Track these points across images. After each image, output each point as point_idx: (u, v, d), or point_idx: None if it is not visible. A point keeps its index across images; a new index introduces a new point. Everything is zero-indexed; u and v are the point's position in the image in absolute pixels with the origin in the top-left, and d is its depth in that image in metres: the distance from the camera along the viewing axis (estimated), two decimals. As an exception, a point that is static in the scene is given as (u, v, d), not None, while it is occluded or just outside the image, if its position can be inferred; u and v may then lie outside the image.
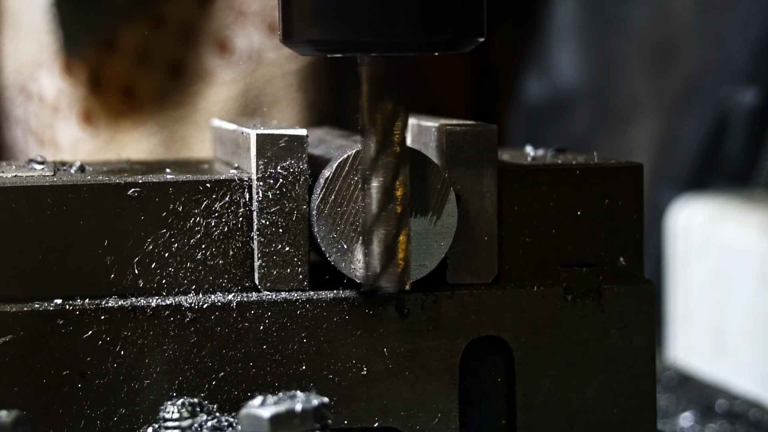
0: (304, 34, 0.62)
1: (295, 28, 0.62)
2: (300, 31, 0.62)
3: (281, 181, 0.65)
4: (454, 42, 0.62)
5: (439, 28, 0.61)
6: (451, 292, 0.67)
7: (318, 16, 0.61)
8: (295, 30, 0.62)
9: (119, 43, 1.36)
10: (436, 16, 0.61)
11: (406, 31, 0.60)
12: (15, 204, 0.64)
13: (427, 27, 0.61)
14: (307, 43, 0.62)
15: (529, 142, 0.80)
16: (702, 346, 1.18)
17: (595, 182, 0.69)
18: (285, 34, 0.63)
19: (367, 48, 0.61)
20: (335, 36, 0.61)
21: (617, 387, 0.68)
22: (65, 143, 1.39)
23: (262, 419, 0.58)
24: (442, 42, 0.62)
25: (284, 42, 0.63)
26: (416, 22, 0.60)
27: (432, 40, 0.61)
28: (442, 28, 0.61)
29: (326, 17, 0.61)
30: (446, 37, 0.62)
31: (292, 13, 0.62)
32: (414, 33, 0.61)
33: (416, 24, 0.60)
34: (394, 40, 0.61)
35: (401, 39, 0.61)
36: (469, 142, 0.67)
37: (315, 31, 0.61)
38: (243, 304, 0.65)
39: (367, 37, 0.60)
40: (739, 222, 1.15)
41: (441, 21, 0.61)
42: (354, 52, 0.62)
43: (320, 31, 0.61)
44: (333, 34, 0.61)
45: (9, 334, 0.63)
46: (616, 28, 1.43)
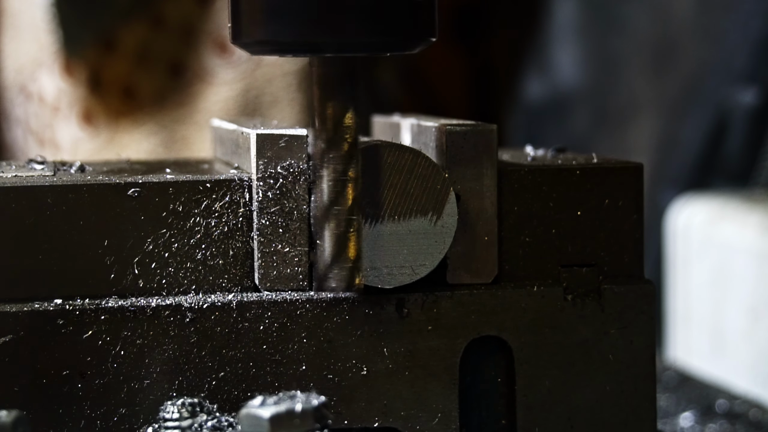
0: (254, 35, 0.61)
1: (244, 29, 0.61)
2: (249, 31, 0.61)
3: (281, 181, 0.65)
4: (404, 43, 0.62)
5: (389, 28, 0.61)
6: (451, 292, 0.67)
7: (268, 17, 0.60)
8: (245, 30, 0.61)
9: (119, 43, 1.36)
10: (386, 16, 0.60)
11: (357, 32, 0.60)
12: (15, 204, 0.64)
13: (377, 28, 0.60)
14: (258, 43, 0.62)
15: (529, 142, 0.80)
16: (702, 346, 1.18)
17: (595, 182, 0.69)
18: (234, 34, 0.62)
19: (317, 49, 0.61)
20: (285, 37, 0.60)
21: (617, 387, 0.68)
22: (65, 143, 1.39)
23: (262, 419, 0.58)
24: (393, 43, 0.62)
25: (234, 42, 0.62)
26: (367, 22, 0.60)
27: (383, 40, 0.61)
28: (393, 28, 0.61)
29: (276, 17, 0.60)
30: (397, 38, 0.61)
31: (242, 14, 0.61)
32: (364, 34, 0.60)
33: (367, 25, 0.60)
34: (345, 41, 0.60)
35: (352, 40, 0.60)
36: (469, 142, 0.67)
37: (265, 31, 0.61)
38: (243, 304, 0.65)
39: (317, 37, 0.60)
40: (739, 222, 1.15)
41: (391, 22, 0.60)
42: (305, 53, 0.62)
43: (270, 31, 0.60)
44: (283, 35, 0.60)
45: (9, 334, 0.63)
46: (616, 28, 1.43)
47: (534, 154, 0.75)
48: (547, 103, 1.52)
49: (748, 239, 1.13)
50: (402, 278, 0.66)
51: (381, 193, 0.65)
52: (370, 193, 0.65)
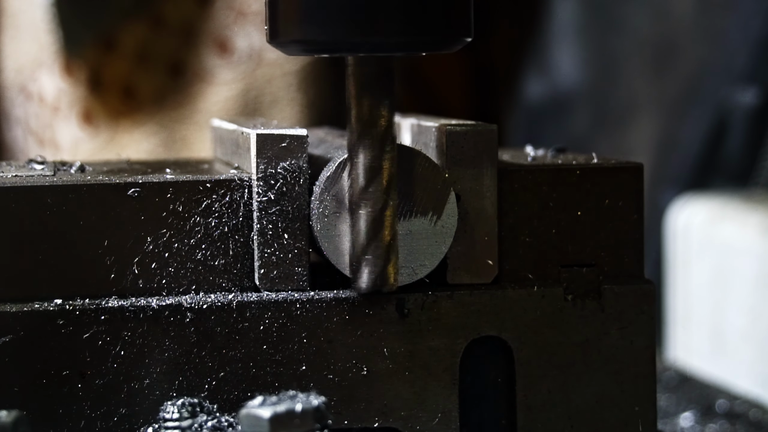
0: (291, 35, 0.61)
1: (281, 28, 0.62)
2: (286, 31, 0.62)
3: (281, 181, 0.65)
4: (440, 42, 0.62)
5: (425, 28, 0.61)
6: (451, 292, 0.67)
7: (305, 16, 0.60)
8: (282, 30, 0.62)
9: (119, 43, 1.36)
10: (422, 16, 0.60)
11: (393, 31, 0.60)
12: (15, 204, 0.64)
13: (413, 27, 0.60)
14: (294, 43, 0.62)
15: (529, 142, 0.80)
16: (702, 346, 1.18)
17: (595, 182, 0.69)
18: (271, 34, 0.62)
19: (353, 48, 0.61)
20: (322, 36, 0.60)
21: (617, 387, 0.68)
22: (65, 143, 1.39)
23: (262, 419, 0.58)
24: (428, 42, 0.62)
25: (271, 42, 0.63)
26: (403, 22, 0.60)
27: (418, 40, 0.61)
28: (429, 28, 0.61)
29: (313, 17, 0.60)
30: (433, 38, 0.61)
31: (279, 13, 0.62)
32: (400, 33, 0.60)
33: (403, 24, 0.60)
34: (381, 41, 0.61)
35: (388, 39, 0.61)
36: (469, 142, 0.67)
37: (302, 31, 0.61)
38: (243, 304, 0.65)
39: (353, 37, 0.60)
40: (739, 222, 1.15)
41: (428, 21, 0.61)
42: (341, 52, 0.62)
43: (307, 31, 0.61)
44: (320, 35, 0.61)
45: (9, 334, 0.63)
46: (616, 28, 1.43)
47: (534, 154, 0.75)
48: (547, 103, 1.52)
49: (748, 239, 1.13)
50: (402, 278, 0.66)
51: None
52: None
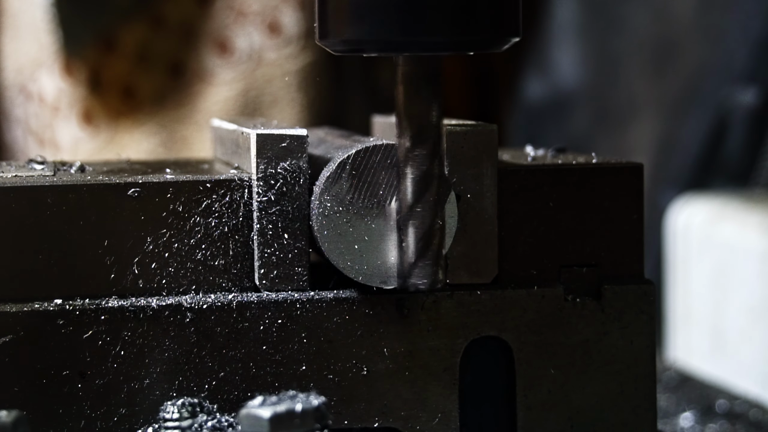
0: (340, 34, 0.62)
1: (331, 28, 0.62)
2: (336, 30, 0.62)
3: (281, 181, 0.65)
4: (488, 42, 0.62)
5: (474, 27, 0.61)
6: (451, 292, 0.67)
7: (354, 16, 0.61)
8: (332, 29, 0.62)
9: (119, 43, 1.36)
10: (471, 15, 0.60)
11: (441, 31, 0.60)
12: (15, 204, 0.64)
13: (461, 27, 0.60)
14: (343, 42, 0.62)
15: (529, 142, 0.80)
16: (702, 346, 1.18)
17: (595, 182, 0.69)
18: (321, 33, 0.63)
19: (402, 48, 0.61)
20: (371, 36, 0.61)
21: (617, 387, 0.68)
22: (65, 143, 1.39)
23: (262, 419, 0.58)
24: (476, 42, 0.62)
25: (320, 42, 0.63)
26: (451, 21, 0.60)
27: (467, 39, 0.61)
28: (477, 27, 0.61)
29: (362, 17, 0.60)
30: (481, 37, 0.61)
31: (328, 13, 0.62)
32: (449, 33, 0.60)
33: (451, 24, 0.60)
34: (430, 40, 0.61)
35: (436, 39, 0.61)
36: (469, 142, 0.67)
37: (351, 30, 0.61)
38: (243, 304, 0.65)
39: (402, 36, 0.60)
40: (739, 222, 1.15)
41: (476, 21, 0.61)
42: (389, 51, 0.62)
43: (356, 30, 0.61)
44: (368, 34, 0.61)
45: (9, 334, 0.63)
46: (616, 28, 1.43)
47: (534, 154, 0.75)
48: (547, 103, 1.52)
49: (748, 239, 1.12)
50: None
51: (381, 194, 0.65)
52: (370, 194, 0.65)
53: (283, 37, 1.35)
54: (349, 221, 0.65)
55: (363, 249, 0.65)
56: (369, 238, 0.65)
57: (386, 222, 0.65)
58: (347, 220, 0.65)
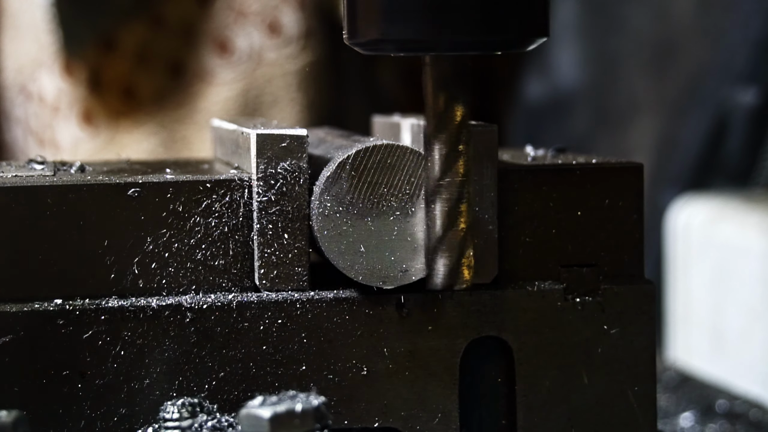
0: (369, 34, 0.62)
1: (360, 28, 0.62)
2: (365, 30, 0.62)
3: (281, 181, 0.65)
4: (516, 41, 0.62)
5: (502, 27, 0.61)
6: (451, 292, 0.67)
7: (382, 16, 0.61)
8: (360, 29, 0.62)
9: (119, 43, 1.36)
10: (499, 15, 0.60)
11: (470, 31, 0.60)
12: (15, 204, 0.64)
13: (490, 26, 0.60)
14: (372, 42, 0.62)
15: (529, 142, 0.80)
16: (702, 346, 1.18)
17: (595, 182, 0.69)
18: (350, 33, 0.63)
19: (430, 47, 0.61)
20: (400, 35, 0.61)
21: (617, 387, 0.68)
22: (65, 143, 1.39)
23: (262, 419, 0.58)
24: (504, 41, 0.62)
25: (349, 41, 0.63)
26: (479, 21, 0.60)
27: (495, 39, 0.61)
28: (505, 27, 0.61)
29: (390, 17, 0.60)
30: (509, 37, 0.61)
31: (357, 13, 0.62)
32: (477, 32, 0.60)
33: (479, 23, 0.60)
34: (458, 40, 0.61)
35: (464, 38, 0.61)
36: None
37: (380, 30, 0.61)
38: (243, 304, 0.65)
39: (430, 36, 0.60)
40: (739, 222, 1.15)
41: (504, 20, 0.61)
42: (418, 51, 0.62)
43: (384, 30, 0.61)
44: (397, 34, 0.61)
45: (9, 334, 0.63)
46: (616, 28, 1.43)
47: (534, 154, 0.75)
48: (547, 103, 1.52)
49: (749, 239, 1.12)
50: (402, 278, 0.66)
51: (381, 194, 0.65)
52: (370, 194, 0.65)
53: (283, 37, 1.35)
54: (349, 221, 0.65)
55: (363, 249, 0.65)
56: (369, 238, 0.65)
57: (386, 222, 0.65)
58: (347, 220, 0.65)
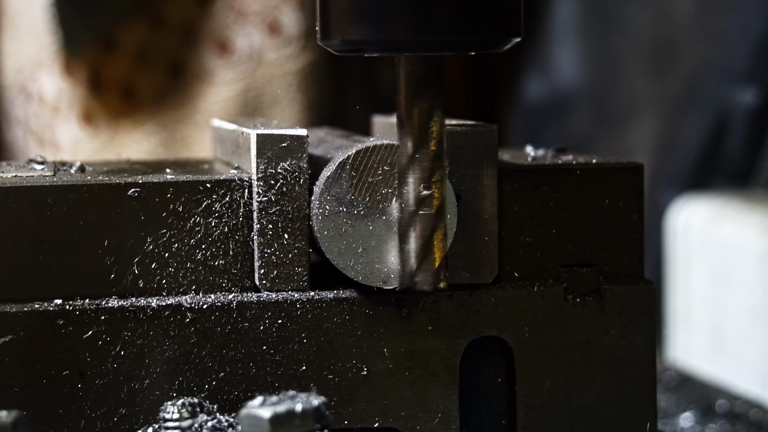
0: (342, 34, 0.62)
1: (332, 28, 0.62)
2: (337, 30, 0.62)
3: (281, 181, 0.65)
4: (490, 42, 0.62)
5: (476, 27, 0.61)
6: (451, 292, 0.67)
7: (355, 16, 0.61)
8: (333, 29, 0.62)
9: (119, 43, 1.36)
10: (473, 15, 0.60)
11: (443, 31, 0.60)
12: (15, 204, 0.64)
13: (464, 27, 0.60)
14: (345, 42, 0.62)
15: (529, 142, 0.80)
16: (702, 346, 1.18)
17: (595, 182, 0.69)
18: (323, 33, 0.63)
19: (404, 47, 0.61)
20: (372, 36, 0.61)
21: (617, 387, 0.68)
22: (65, 143, 1.39)
23: (262, 419, 0.58)
24: (478, 42, 0.62)
25: (322, 42, 0.63)
26: (453, 21, 0.60)
27: (470, 39, 0.61)
28: (479, 27, 0.61)
29: (363, 17, 0.60)
30: (483, 37, 0.61)
31: (329, 13, 0.62)
32: (451, 33, 0.60)
33: (453, 24, 0.60)
34: (431, 40, 0.61)
35: (438, 39, 0.61)
36: (470, 142, 0.67)
37: (352, 31, 0.61)
38: (243, 304, 0.65)
39: (404, 36, 0.60)
40: (739, 222, 1.15)
41: (478, 21, 0.61)
42: (391, 51, 0.62)
43: (357, 31, 0.61)
44: (370, 34, 0.61)
45: (9, 334, 0.63)
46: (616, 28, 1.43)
47: (534, 154, 0.75)
48: (547, 103, 1.52)
49: (748, 239, 1.13)
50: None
51: (381, 194, 0.65)
52: (370, 194, 0.65)
53: (283, 37, 1.35)
54: (349, 221, 0.65)
55: (363, 249, 0.65)
56: (369, 238, 0.65)
57: (386, 222, 0.65)
58: (347, 220, 0.65)
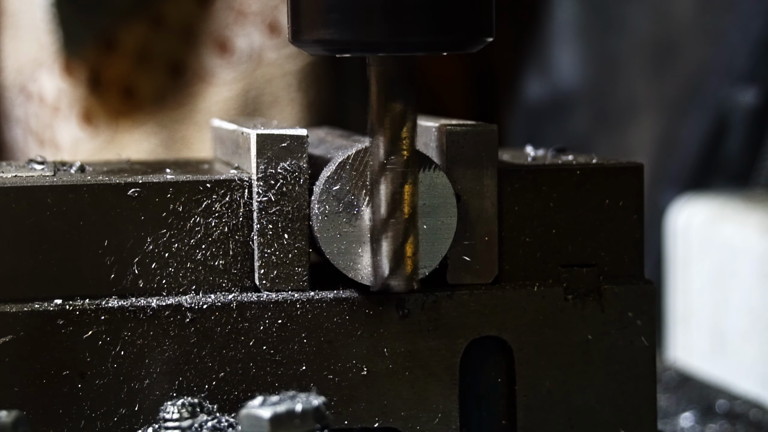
0: (313, 34, 0.61)
1: (304, 28, 0.62)
2: (309, 30, 0.62)
3: (281, 181, 0.65)
4: (463, 42, 0.62)
5: (448, 28, 0.61)
6: (451, 292, 0.67)
7: (327, 16, 0.61)
8: (304, 30, 0.62)
9: (119, 43, 1.36)
10: (445, 16, 0.60)
11: (415, 31, 0.60)
12: (15, 204, 0.64)
13: (436, 27, 0.60)
14: (316, 43, 0.62)
15: (529, 142, 0.80)
16: (702, 346, 1.18)
17: (595, 182, 0.69)
18: (294, 34, 0.63)
19: (376, 48, 0.61)
20: (344, 36, 0.61)
21: (617, 387, 0.68)
22: (65, 143, 1.39)
23: (262, 419, 0.58)
24: (451, 42, 0.62)
25: (293, 42, 0.63)
26: (425, 22, 0.60)
27: (441, 40, 0.61)
28: (451, 28, 0.61)
29: (335, 17, 0.60)
30: (455, 37, 0.61)
31: (301, 13, 0.62)
32: (423, 33, 0.60)
33: (425, 24, 0.60)
34: (403, 40, 0.61)
35: (410, 39, 0.61)
36: (470, 142, 0.67)
37: (324, 31, 0.61)
38: (243, 304, 0.65)
39: (376, 37, 0.60)
40: (739, 222, 1.15)
41: (450, 21, 0.61)
42: (363, 52, 0.62)
43: (329, 31, 0.61)
44: (342, 34, 0.61)
45: (9, 334, 0.63)
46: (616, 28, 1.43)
47: (534, 154, 0.75)
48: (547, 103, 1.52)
49: (749, 239, 1.12)
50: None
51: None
52: (370, 194, 0.65)
53: (283, 37, 1.35)
54: (349, 221, 0.65)
55: (363, 249, 0.65)
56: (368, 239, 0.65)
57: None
58: (347, 220, 0.65)
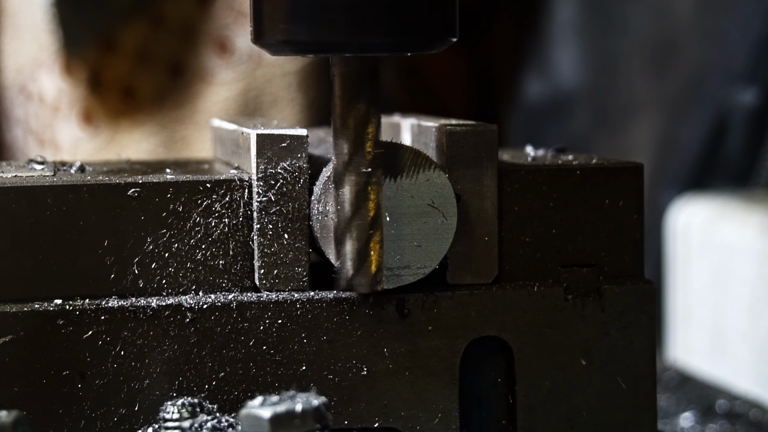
0: (276, 35, 0.61)
1: (266, 28, 0.62)
2: (271, 31, 0.61)
3: (281, 181, 0.65)
4: (426, 42, 0.62)
5: (411, 28, 0.61)
6: (451, 292, 0.67)
7: (290, 17, 0.60)
8: (267, 30, 0.62)
9: (119, 43, 1.36)
10: (407, 16, 0.60)
11: (378, 32, 0.60)
12: (15, 204, 0.64)
13: (399, 27, 0.60)
14: (279, 43, 0.62)
15: (529, 142, 0.80)
16: (702, 346, 1.18)
17: (595, 182, 0.69)
18: (256, 34, 0.62)
19: (339, 48, 0.61)
20: (307, 36, 0.60)
21: (617, 387, 0.68)
22: (65, 143, 1.39)
23: (262, 419, 0.58)
24: (414, 42, 0.62)
25: (256, 42, 0.63)
26: (388, 22, 0.60)
27: (404, 40, 0.61)
28: (414, 28, 0.61)
29: (298, 17, 0.60)
30: (418, 38, 0.61)
31: (263, 14, 0.62)
32: (386, 33, 0.60)
33: (388, 24, 0.60)
34: (366, 41, 0.60)
35: (373, 39, 0.60)
36: (469, 142, 0.67)
37: (287, 31, 0.61)
38: (243, 304, 0.65)
39: (339, 37, 0.60)
40: (739, 222, 1.15)
41: (413, 21, 0.61)
42: (326, 52, 0.62)
43: (292, 31, 0.61)
44: (305, 35, 0.60)
45: (9, 334, 0.63)
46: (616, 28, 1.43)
47: (534, 154, 0.75)
48: (547, 103, 1.52)
49: (748, 239, 1.13)
50: (402, 278, 0.66)
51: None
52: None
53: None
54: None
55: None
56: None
57: (386, 222, 0.65)
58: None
